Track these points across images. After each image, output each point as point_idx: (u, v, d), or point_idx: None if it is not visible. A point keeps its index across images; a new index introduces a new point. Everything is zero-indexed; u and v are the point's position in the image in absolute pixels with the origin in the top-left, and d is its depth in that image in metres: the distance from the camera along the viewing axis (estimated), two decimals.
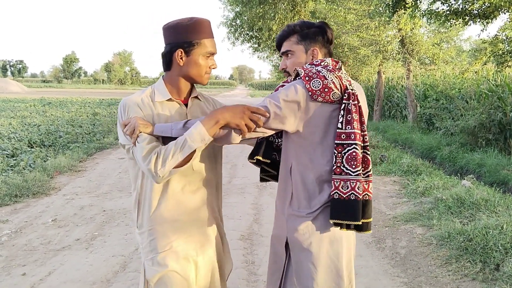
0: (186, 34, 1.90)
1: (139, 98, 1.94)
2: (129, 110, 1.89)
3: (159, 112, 1.93)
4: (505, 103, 10.08)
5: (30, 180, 6.93)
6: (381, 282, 3.83)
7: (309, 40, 2.08)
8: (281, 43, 2.15)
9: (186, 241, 1.98)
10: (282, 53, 2.16)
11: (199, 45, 1.91)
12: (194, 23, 1.90)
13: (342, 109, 1.90)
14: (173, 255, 1.94)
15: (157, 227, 1.94)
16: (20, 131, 12.44)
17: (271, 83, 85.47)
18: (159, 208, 1.93)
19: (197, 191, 2.01)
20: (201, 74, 1.96)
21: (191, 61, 1.92)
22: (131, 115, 1.87)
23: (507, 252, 3.92)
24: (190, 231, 1.99)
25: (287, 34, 2.11)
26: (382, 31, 14.73)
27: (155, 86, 2.00)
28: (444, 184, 6.51)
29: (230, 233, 4.95)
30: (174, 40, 1.91)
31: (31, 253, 4.45)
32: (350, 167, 1.88)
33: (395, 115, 18.34)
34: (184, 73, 1.95)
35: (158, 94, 1.96)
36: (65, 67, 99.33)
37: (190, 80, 1.98)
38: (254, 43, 26.11)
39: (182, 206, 1.96)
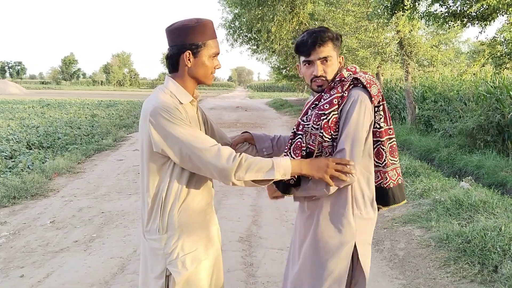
0: (193, 36, 1.93)
1: (171, 101, 1.93)
2: (174, 112, 1.88)
3: (188, 114, 1.98)
4: (503, 105, 10.09)
5: (29, 182, 6.93)
6: (379, 284, 3.83)
7: (338, 48, 2.17)
8: (314, 49, 2.09)
9: (207, 242, 2.05)
10: (321, 58, 2.10)
11: (205, 46, 1.95)
12: (200, 25, 1.94)
13: (382, 109, 2.14)
14: (199, 256, 1.99)
15: (184, 230, 1.96)
16: (18, 132, 12.43)
17: (270, 84, 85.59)
18: (185, 210, 1.97)
19: (210, 192, 2.13)
20: (207, 74, 2.02)
21: (198, 62, 1.97)
22: (180, 116, 1.89)
23: (505, 254, 3.92)
24: (209, 231, 2.08)
25: (325, 40, 2.10)
26: (380, 33, 14.74)
27: (170, 88, 1.99)
28: (443, 185, 6.52)
29: (228, 234, 4.97)
30: (181, 42, 1.94)
31: (30, 255, 4.44)
32: (394, 158, 2.20)
33: (394, 116, 18.35)
34: (191, 74, 1.99)
35: (181, 96, 1.98)
36: (64, 69, 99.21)
37: (197, 81, 2.03)
38: (253, 44, 26.18)
39: (203, 207, 2.06)
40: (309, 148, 2.08)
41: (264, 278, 3.92)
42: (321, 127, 2.03)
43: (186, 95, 2.00)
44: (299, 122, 2.15)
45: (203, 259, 2.00)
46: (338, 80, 2.11)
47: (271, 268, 4.10)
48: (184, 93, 1.99)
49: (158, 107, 1.87)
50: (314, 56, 2.10)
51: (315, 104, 2.12)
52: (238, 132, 14.93)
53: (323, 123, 2.03)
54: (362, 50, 15.34)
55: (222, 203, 6.28)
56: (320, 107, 2.07)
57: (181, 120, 1.87)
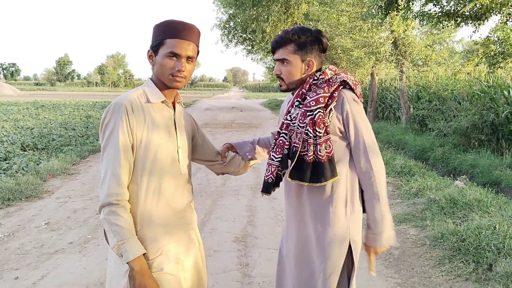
0: (155, 34, 1.91)
1: (135, 98, 1.91)
2: (120, 113, 1.83)
3: (152, 114, 1.91)
4: (497, 104, 10.14)
5: (23, 184, 6.90)
6: (375, 283, 3.84)
7: (305, 50, 2.13)
8: (277, 49, 2.17)
9: (176, 245, 1.97)
10: (277, 59, 2.17)
11: (163, 45, 1.89)
12: (165, 23, 1.91)
13: None
14: (165, 259, 1.92)
15: (146, 232, 1.89)
16: (13, 134, 12.37)
17: (265, 85, 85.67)
18: (150, 211, 1.89)
19: (183, 194, 2.03)
20: (165, 75, 1.91)
21: (157, 61, 1.92)
22: (124, 119, 1.83)
23: (499, 252, 3.94)
24: (178, 233, 1.99)
25: (284, 42, 2.13)
26: (375, 33, 14.79)
27: (144, 87, 1.98)
28: (437, 185, 6.54)
29: (224, 235, 4.96)
30: (151, 41, 1.93)
31: (24, 256, 4.42)
32: None
33: (389, 116, 18.41)
34: (155, 73, 1.96)
35: (151, 95, 1.94)
36: (58, 70, 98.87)
37: (162, 82, 1.95)
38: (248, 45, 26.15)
39: (172, 208, 1.96)
40: (295, 147, 2.09)
41: (260, 278, 3.92)
42: (307, 124, 2.04)
43: (158, 94, 1.94)
44: (282, 122, 2.17)
45: (166, 264, 1.91)
46: (323, 80, 2.12)
47: (267, 268, 4.09)
48: (156, 92, 1.94)
49: (110, 106, 1.87)
50: (275, 56, 2.18)
51: (298, 102, 2.13)
52: (234, 133, 14.93)
53: (308, 120, 2.04)
54: (356, 50, 15.36)
55: (217, 203, 6.27)
56: (306, 105, 2.08)
57: (120, 128, 1.81)
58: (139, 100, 1.90)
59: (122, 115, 1.82)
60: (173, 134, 1.98)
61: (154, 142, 1.88)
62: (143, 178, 1.87)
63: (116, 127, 1.81)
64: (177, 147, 1.98)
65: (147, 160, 1.87)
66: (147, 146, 1.87)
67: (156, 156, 1.89)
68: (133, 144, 1.84)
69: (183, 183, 2.03)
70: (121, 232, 1.77)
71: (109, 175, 1.79)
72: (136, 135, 1.85)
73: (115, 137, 1.81)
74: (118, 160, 1.80)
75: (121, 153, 1.80)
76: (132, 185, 1.87)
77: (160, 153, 1.90)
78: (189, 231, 2.07)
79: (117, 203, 1.78)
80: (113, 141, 1.81)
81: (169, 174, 1.94)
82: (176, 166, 1.98)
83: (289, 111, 2.17)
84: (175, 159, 1.97)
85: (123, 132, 1.81)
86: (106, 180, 1.79)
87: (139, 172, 1.87)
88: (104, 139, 1.83)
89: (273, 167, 2.16)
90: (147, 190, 1.88)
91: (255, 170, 8.49)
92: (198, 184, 7.40)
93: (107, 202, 1.77)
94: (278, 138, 2.16)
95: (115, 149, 1.80)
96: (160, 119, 1.93)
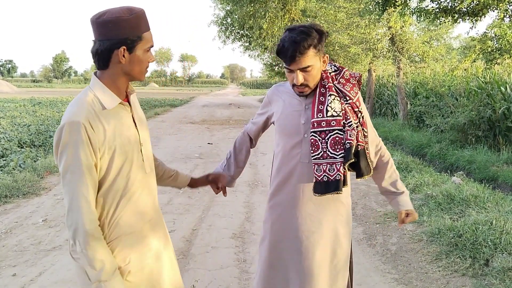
0: (128, 30, 1.71)
1: (89, 113, 1.68)
2: (78, 137, 1.64)
3: (110, 122, 1.73)
4: (494, 100, 10.16)
5: (20, 181, 6.88)
6: (372, 278, 3.85)
7: (320, 49, 2.12)
8: (297, 59, 2.06)
9: (147, 248, 1.87)
10: (301, 68, 2.09)
11: (141, 40, 1.75)
12: (135, 16, 1.73)
13: None
14: (133, 268, 1.81)
15: (115, 240, 1.77)
16: (10, 131, 12.33)
17: (263, 81, 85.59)
18: (118, 219, 1.78)
19: (150, 192, 1.93)
20: (142, 70, 1.82)
21: (133, 58, 1.76)
22: (82, 142, 1.64)
23: (496, 248, 3.96)
24: (148, 237, 1.89)
25: (305, 51, 2.05)
26: (372, 29, 14.77)
27: (95, 90, 1.76)
28: (434, 181, 6.56)
29: (221, 231, 4.97)
30: (114, 37, 1.70)
31: (22, 253, 4.42)
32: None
33: (386, 112, 18.43)
34: (126, 71, 1.78)
35: (105, 100, 1.74)
36: (55, 67, 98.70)
37: (131, 78, 1.82)
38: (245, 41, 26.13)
39: (141, 211, 1.86)
40: (359, 145, 2.14)
41: None
42: (361, 124, 2.16)
43: (113, 98, 1.76)
44: (332, 118, 2.10)
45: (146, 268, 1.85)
46: (349, 76, 2.22)
47: None
48: (110, 96, 1.76)
49: (64, 126, 1.65)
50: (293, 66, 2.09)
51: (334, 96, 2.14)
52: (231, 129, 14.92)
53: (361, 120, 2.16)
54: (353, 47, 15.36)
55: (215, 200, 6.27)
56: (353, 104, 2.16)
57: (81, 149, 1.64)
58: (93, 110, 1.70)
59: (82, 135, 1.64)
60: (135, 134, 1.85)
61: (118, 153, 1.74)
62: (110, 191, 1.75)
63: (76, 149, 1.64)
64: (140, 145, 1.86)
65: (113, 174, 1.74)
66: (111, 160, 1.73)
67: (122, 168, 1.77)
68: (96, 162, 1.69)
69: (149, 181, 1.93)
70: (104, 269, 1.65)
71: (79, 201, 1.64)
72: (99, 151, 1.69)
73: (77, 159, 1.64)
74: (85, 184, 1.65)
75: (86, 176, 1.65)
76: (98, 198, 1.74)
77: (126, 164, 1.78)
78: (162, 231, 1.99)
79: (93, 233, 1.65)
80: (75, 163, 1.64)
81: (135, 179, 1.83)
82: (142, 168, 1.87)
83: (322, 103, 2.13)
84: (139, 161, 1.85)
85: (85, 152, 1.65)
86: (76, 206, 1.64)
87: (105, 186, 1.74)
88: (63, 161, 1.65)
89: (338, 165, 2.09)
90: (113, 200, 1.76)
91: (253, 167, 8.50)
92: None
93: (83, 232, 1.63)
94: (330, 135, 2.10)
95: (80, 173, 1.64)
96: (120, 124, 1.77)
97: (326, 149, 2.10)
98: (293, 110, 2.24)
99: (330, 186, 2.10)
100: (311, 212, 2.20)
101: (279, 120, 2.29)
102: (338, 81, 2.18)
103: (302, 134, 2.18)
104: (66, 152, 1.65)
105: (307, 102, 2.20)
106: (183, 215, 5.59)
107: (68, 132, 1.64)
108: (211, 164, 8.79)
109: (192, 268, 4.05)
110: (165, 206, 5.97)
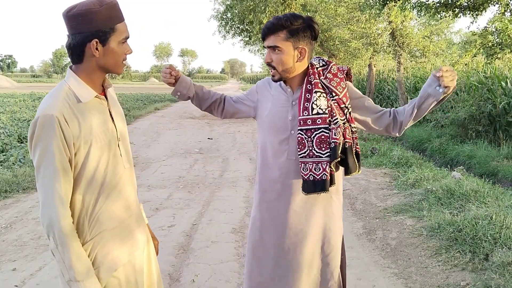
0: (99, 22, 1.66)
1: (63, 106, 1.64)
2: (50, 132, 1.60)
3: (86, 116, 1.69)
4: (495, 95, 10.15)
5: (20, 175, 6.89)
6: (372, 273, 3.85)
7: (297, 37, 2.07)
8: (268, 36, 2.10)
9: (128, 245, 1.84)
10: (268, 46, 2.11)
11: (114, 31, 1.70)
12: (106, 7, 1.67)
13: None
14: (119, 263, 1.79)
15: (96, 238, 1.74)
16: (10, 126, 12.33)
17: (263, 76, 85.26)
18: (97, 216, 1.74)
19: (129, 188, 1.88)
20: (118, 63, 1.77)
21: (107, 50, 1.71)
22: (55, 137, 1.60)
23: (496, 242, 3.96)
24: (134, 232, 1.87)
25: (276, 29, 2.06)
26: (372, 23, 14.72)
27: (70, 84, 1.72)
28: (434, 175, 6.56)
29: (221, 226, 4.97)
30: (85, 30, 1.66)
31: (22, 248, 4.43)
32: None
33: (386, 107, 18.41)
34: (100, 64, 1.73)
35: (81, 93, 1.70)
36: (55, 62, 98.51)
37: (107, 71, 1.77)
38: (245, 36, 26.01)
39: (124, 205, 1.83)
40: (347, 142, 2.08)
41: None
42: (347, 120, 2.11)
43: (89, 91, 1.72)
44: (317, 117, 2.07)
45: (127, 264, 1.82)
46: (337, 70, 2.17)
47: None
48: (86, 89, 1.72)
49: (38, 120, 1.62)
50: (265, 42, 2.11)
51: (320, 93, 2.09)
52: (231, 124, 14.91)
53: (348, 116, 2.11)
54: (354, 41, 15.34)
55: (215, 194, 6.28)
56: (339, 100, 2.10)
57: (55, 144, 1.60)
58: (68, 103, 1.67)
59: (55, 130, 1.60)
60: (112, 129, 1.80)
61: (94, 147, 1.70)
62: (88, 186, 1.71)
63: (50, 144, 1.60)
64: (117, 140, 1.82)
65: (90, 169, 1.70)
66: (88, 155, 1.69)
67: (99, 162, 1.72)
68: (70, 157, 1.65)
69: (127, 178, 1.87)
70: (77, 269, 1.63)
71: (52, 196, 1.61)
72: (74, 145, 1.65)
73: (50, 155, 1.60)
74: (58, 179, 1.61)
75: (60, 172, 1.61)
76: (76, 195, 1.70)
77: (103, 159, 1.74)
78: (142, 225, 1.97)
79: (66, 230, 1.61)
80: (49, 159, 1.61)
81: (115, 175, 1.79)
82: (120, 163, 1.82)
83: (308, 100, 2.10)
84: (117, 156, 1.81)
85: (59, 148, 1.61)
86: (49, 203, 1.61)
87: (83, 182, 1.70)
88: (37, 157, 1.62)
89: (324, 164, 2.06)
90: (92, 196, 1.73)
91: (252, 162, 8.50)
92: (195, 175, 7.40)
93: (56, 229, 1.60)
94: (316, 133, 2.07)
95: (53, 168, 1.61)
96: (96, 118, 1.73)
97: (312, 148, 2.07)
98: (280, 106, 2.21)
99: (316, 186, 2.08)
100: (298, 209, 2.18)
101: (268, 116, 2.25)
102: (325, 76, 2.14)
103: (289, 131, 2.16)
104: (40, 146, 1.61)
105: (294, 98, 2.17)
106: (183, 209, 5.59)
107: (41, 125, 1.60)
108: (211, 159, 8.79)
109: (192, 263, 4.05)
110: (165, 201, 5.97)
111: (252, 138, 11.89)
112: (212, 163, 8.45)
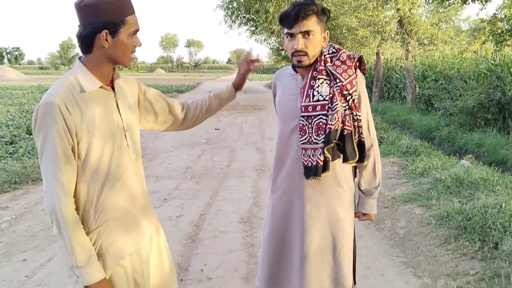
0: (110, 13, 1.67)
1: (65, 95, 1.65)
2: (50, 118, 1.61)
3: (89, 105, 1.70)
4: (504, 83, 10.04)
5: (29, 167, 6.94)
6: (380, 262, 3.85)
7: (323, 22, 2.09)
8: (300, 21, 2.03)
9: (133, 235, 1.84)
10: (303, 32, 2.05)
11: (125, 24, 1.71)
12: (118, 0, 1.70)
13: None
14: (126, 252, 1.80)
15: (101, 227, 1.75)
16: (18, 118, 12.42)
17: (269, 66, 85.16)
18: (102, 206, 1.75)
19: (136, 180, 1.88)
20: (127, 55, 1.78)
21: (117, 42, 1.72)
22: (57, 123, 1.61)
23: (505, 231, 3.93)
24: (140, 222, 1.88)
25: (309, 13, 2.02)
26: (380, 11, 14.59)
27: (76, 74, 1.73)
28: (443, 164, 6.52)
29: (229, 216, 4.99)
30: (96, 21, 1.67)
31: (32, 239, 4.46)
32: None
33: (394, 96, 18.29)
34: (109, 55, 1.74)
35: (85, 83, 1.71)
36: (62, 54, 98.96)
37: (115, 62, 1.78)
38: (251, 26, 25.90)
39: (130, 196, 1.84)
40: (346, 129, 2.05)
41: None
42: (350, 107, 2.07)
43: (93, 81, 1.72)
44: (317, 103, 2.07)
45: (134, 254, 1.84)
46: (343, 54, 2.13)
47: None
48: (91, 79, 1.72)
49: (39, 107, 1.64)
50: (296, 29, 2.05)
51: (323, 79, 2.09)
52: (238, 115, 14.89)
53: (350, 103, 2.07)
54: (361, 29, 15.22)
55: (222, 185, 6.29)
56: (343, 86, 2.06)
57: (56, 132, 1.61)
58: (72, 92, 1.67)
59: (56, 117, 1.61)
60: (118, 120, 1.80)
61: (97, 138, 1.70)
62: (93, 176, 1.72)
63: (51, 131, 1.61)
64: (123, 131, 1.81)
65: (94, 159, 1.71)
66: (91, 144, 1.69)
67: (102, 152, 1.73)
68: (73, 146, 1.66)
69: (135, 167, 1.88)
70: (79, 255, 1.65)
71: (54, 184, 1.63)
72: (77, 134, 1.66)
73: (51, 142, 1.62)
74: (59, 167, 1.62)
75: (62, 159, 1.62)
76: (81, 185, 1.71)
77: (108, 149, 1.74)
78: (150, 215, 1.96)
79: (68, 217, 1.63)
80: (50, 146, 1.62)
81: (120, 165, 1.79)
82: (126, 154, 1.82)
83: (312, 87, 2.10)
84: (123, 147, 1.81)
85: (60, 135, 1.61)
86: (51, 191, 1.63)
87: (88, 171, 1.71)
88: (39, 144, 1.65)
89: (320, 150, 2.05)
90: (97, 185, 1.73)
91: (260, 152, 8.49)
92: (203, 166, 7.41)
93: (59, 216, 1.62)
94: (315, 120, 2.07)
95: (54, 156, 1.62)
96: (100, 108, 1.73)
97: (311, 134, 2.08)
98: (291, 93, 2.21)
99: (309, 171, 2.09)
100: (309, 197, 2.18)
101: (279, 104, 2.28)
102: (333, 63, 2.12)
103: (298, 118, 2.14)
104: (41, 133, 1.63)
105: (302, 85, 2.16)
106: (191, 200, 5.61)
107: (42, 113, 1.62)
108: (218, 149, 8.80)
109: (201, 253, 4.07)
110: (173, 191, 5.99)
111: (259, 128, 11.88)
112: (220, 153, 8.46)
